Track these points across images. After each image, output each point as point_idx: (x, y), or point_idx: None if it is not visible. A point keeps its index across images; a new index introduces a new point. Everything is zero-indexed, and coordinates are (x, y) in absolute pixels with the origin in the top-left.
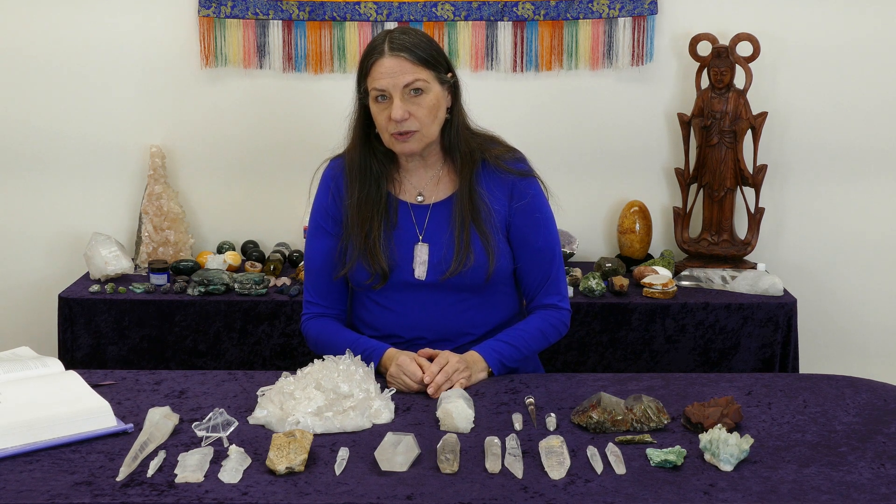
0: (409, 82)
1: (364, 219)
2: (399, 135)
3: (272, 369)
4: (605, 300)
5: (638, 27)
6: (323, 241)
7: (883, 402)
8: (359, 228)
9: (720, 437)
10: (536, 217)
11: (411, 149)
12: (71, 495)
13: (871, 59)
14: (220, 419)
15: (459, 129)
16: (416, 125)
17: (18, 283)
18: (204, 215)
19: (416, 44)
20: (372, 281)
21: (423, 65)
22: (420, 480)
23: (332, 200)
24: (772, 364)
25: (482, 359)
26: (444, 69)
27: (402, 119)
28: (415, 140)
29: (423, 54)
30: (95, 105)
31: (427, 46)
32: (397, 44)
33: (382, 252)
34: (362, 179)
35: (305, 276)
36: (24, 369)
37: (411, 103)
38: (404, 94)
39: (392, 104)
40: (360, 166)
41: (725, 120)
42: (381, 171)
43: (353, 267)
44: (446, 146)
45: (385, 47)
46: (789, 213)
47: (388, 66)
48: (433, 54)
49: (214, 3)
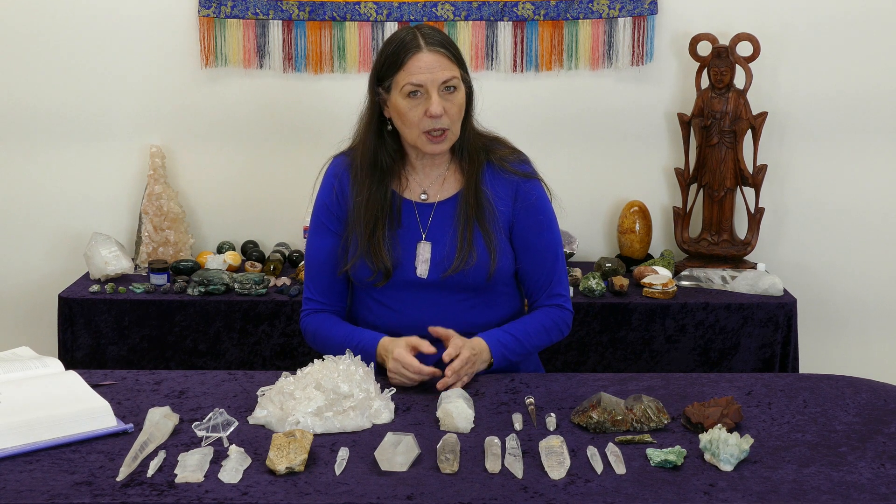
0: (448, 79)
1: (370, 216)
2: (432, 135)
3: (272, 369)
4: (605, 300)
5: (638, 27)
6: (325, 238)
7: (883, 402)
8: (364, 226)
9: (720, 437)
10: (540, 219)
11: (441, 149)
12: (71, 495)
13: (871, 59)
14: (220, 419)
15: (469, 130)
16: (447, 123)
17: (18, 283)
18: (204, 215)
19: (447, 42)
20: (374, 278)
21: (456, 62)
22: (420, 480)
23: (335, 198)
24: (772, 364)
25: (487, 349)
26: (466, 70)
27: (440, 115)
28: (446, 140)
29: (454, 51)
30: (95, 105)
31: (454, 46)
32: (433, 39)
33: (386, 250)
34: (372, 176)
35: (306, 272)
36: (24, 369)
37: (445, 100)
38: (440, 91)
39: (427, 100)
40: (371, 162)
41: (725, 120)
42: (390, 168)
43: (356, 264)
44: (455, 146)
45: (421, 42)
46: (789, 213)
47: (428, 60)
48: (459, 54)
49: (214, 3)
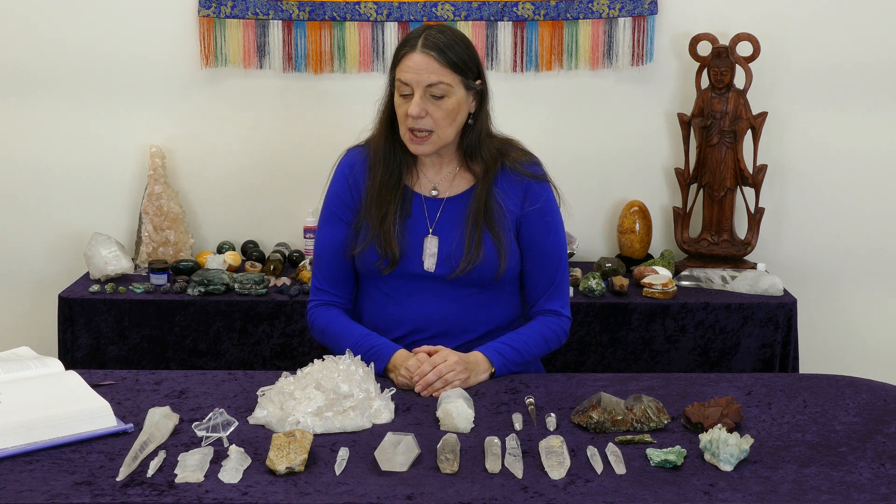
0: (432, 83)
1: (382, 202)
2: (414, 135)
3: (272, 369)
4: (605, 300)
5: (638, 27)
6: (336, 228)
7: (883, 402)
8: (376, 210)
9: (720, 437)
10: (547, 221)
11: (423, 151)
12: (71, 495)
13: (871, 59)
14: (220, 419)
15: (481, 135)
16: (430, 125)
17: (18, 283)
18: (204, 215)
19: (450, 45)
20: (381, 264)
21: (451, 68)
22: (420, 480)
23: (347, 189)
24: (772, 364)
25: (486, 360)
26: (474, 75)
27: (417, 116)
28: (429, 143)
29: (453, 57)
30: (95, 105)
31: (461, 50)
32: (430, 41)
33: (395, 237)
34: (385, 164)
35: (315, 262)
36: (24, 369)
37: (430, 103)
38: (425, 93)
39: (412, 99)
40: (384, 151)
41: (725, 120)
42: (403, 160)
43: (365, 249)
44: (464, 148)
45: (418, 42)
46: (789, 213)
47: (416, 61)
48: (465, 59)
49: (214, 3)
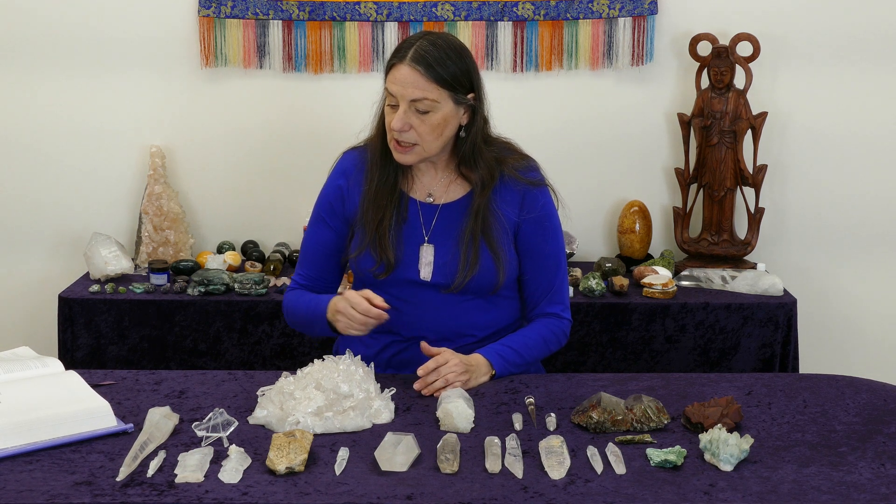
0: (417, 98)
1: (378, 206)
2: (398, 145)
3: (272, 369)
4: (605, 300)
5: (638, 27)
6: (321, 231)
7: (883, 402)
8: (372, 214)
9: (720, 437)
10: (545, 226)
11: (407, 161)
12: (71, 495)
13: (871, 59)
14: (220, 419)
15: (475, 147)
16: (414, 138)
17: (18, 283)
18: (204, 215)
19: (440, 59)
20: (377, 269)
21: (439, 83)
22: (420, 480)
23: (339, 197)
24: (772, 364)
25: (486, 362)
26: (465, 90)
27: (400, 130)
28: (413, 154)
29: (442, 72)
30: (95, 105)
31: (451, 64)
32: (419, 54)
33: (391, 243)
34: (381, 168)
35: (300, 256)
36: (24, 369)
37: (415, 117)
38: (410, 107)
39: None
40: (380, 155)
41: (725, 120)
42: (398, 164)
43: (361, 254)
44: (458, 158)
45: (408, 54)
46: (789, 213)
47: (403, 74)
48: (455, 73)
49: (214, 3)
